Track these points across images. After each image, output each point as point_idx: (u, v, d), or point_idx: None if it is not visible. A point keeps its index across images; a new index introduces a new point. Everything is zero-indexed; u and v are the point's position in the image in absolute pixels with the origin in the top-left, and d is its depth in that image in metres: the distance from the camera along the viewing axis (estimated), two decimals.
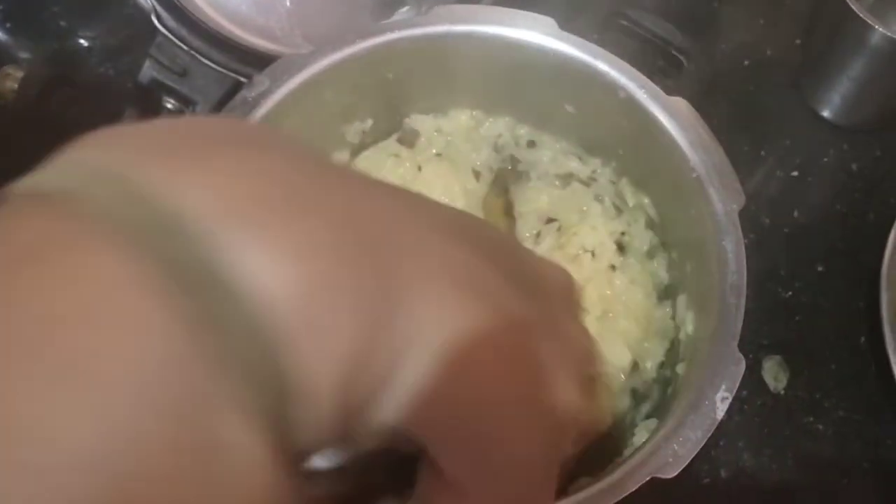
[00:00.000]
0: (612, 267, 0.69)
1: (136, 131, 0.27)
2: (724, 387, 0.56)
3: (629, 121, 0.67)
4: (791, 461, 0.75)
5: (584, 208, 0.71)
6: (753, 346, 0.77)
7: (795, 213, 0.84)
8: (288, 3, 0.81)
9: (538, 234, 0.70)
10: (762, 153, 0.86)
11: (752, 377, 0.76)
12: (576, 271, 0.67)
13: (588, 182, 0.73)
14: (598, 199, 0.72)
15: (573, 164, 0.74)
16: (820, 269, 0.82)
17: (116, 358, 0.20)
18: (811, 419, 0.76)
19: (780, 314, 0.80)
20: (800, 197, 0.85)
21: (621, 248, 0.70)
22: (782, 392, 0.77)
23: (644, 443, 0.57)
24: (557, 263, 0.37)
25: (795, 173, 0.86)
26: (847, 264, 0.82)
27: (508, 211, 0.71)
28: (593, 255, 0.68)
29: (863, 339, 0.79)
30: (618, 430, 0.65)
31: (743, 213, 0.63)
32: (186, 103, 0.78)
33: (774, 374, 0.77)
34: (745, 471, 0.74)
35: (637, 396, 0.67)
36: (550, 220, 0.70)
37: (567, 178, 0.73)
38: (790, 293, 0.81)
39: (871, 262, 0.81)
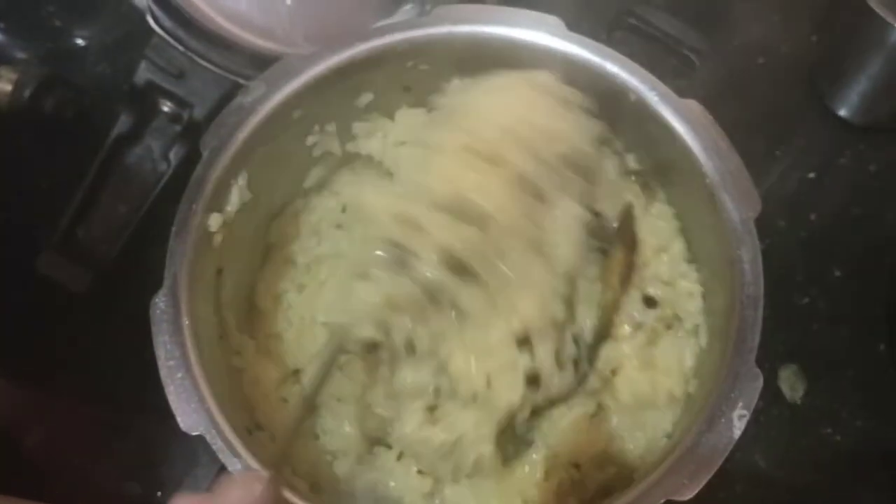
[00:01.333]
0: (696, 329, 0.66)
1: None
2: (741, 404, 0.54)
3: (640, 125, 0.65)
4: (808, 473, 0.73)
5: (657, 238, 0.68)
6: (769, 355, 0.74)
7: (812, 216, 0.81)
8: (288, 2, 0.79)
9: (638, 327, 0.65)
10: (777, 154, 0.84)
11: (768, 387, 0.73)
12: (649, 379, 0.64)
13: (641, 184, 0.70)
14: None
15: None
16: (837, 273, 0.79)
17: None
18: (829, 430, 0.74)
19: (797, 321, 0.77)
20: (816, 199, 0.82)
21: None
22: (799, 402, 0.75)
23: (658, 463, 0.55)
24: None
25: (812, 175, 0.83)
26: (865, 269, 0.79)
27: (629, 264, 0.67)
28: (681, 321, 0.66)
29: (882, 346, 0.77)
30: None
31: (757, 217, 0.60)
32: (183, 106, 0.76)
33: (791, 384, 0.75)
34: (761, 483, 0.72)
35: None
36: (651, 304, 0.66)
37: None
38: (807, 299, 0.78)
39: (891, 267, 0.78)
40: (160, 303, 0.58)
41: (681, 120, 0.62)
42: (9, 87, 0.78)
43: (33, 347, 0.77)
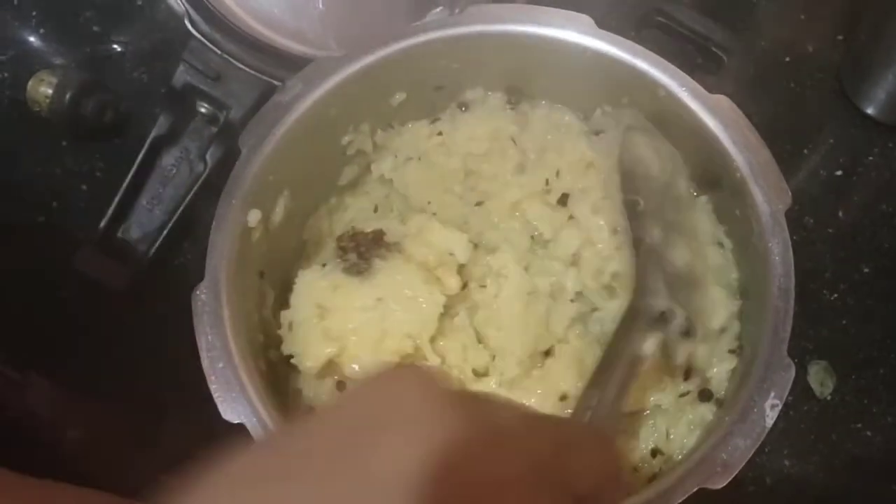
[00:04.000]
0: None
1: None
2: (773, 394, 0.55)
3: (669, 120, 0.66)
4: (838, 469, 0.73)
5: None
6: (798, 351, 0.75)
7: (840, 214, 0.82)
8: (321, 6, 0.81)
9: None
10: (805, 152, 0.84)
11: (798, 382, 0.73)
12: None
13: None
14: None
15: None
16: (866, 270, 0.79)
17: None
18: (859, 425, 0.74)
19: (826, 317, 0.77)
20: (844, 196, 0.82)
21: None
22: (829, 397, 0.75)
23: (691, 451, 0.55)
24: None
25: (839, 172, 0.83)
26: (894, 265, 0.80)
27: None
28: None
29: None
30: None
31: (786, 214, 0.61)
32: (220, 108, 0.77)
33: (820, 380, 0.75)
34: (791, 478, 0.72)
35: None
36: None
37: None
38: (835, 295, 0.78)
39: None
40: (202, 295, 0.59)
41: (710, 114, 0.62)
42: (49, 91, 0.80)
43: (72, 345, 0.78)
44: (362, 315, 0.61)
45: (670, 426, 0.62)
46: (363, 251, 0.63)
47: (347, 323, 0.61)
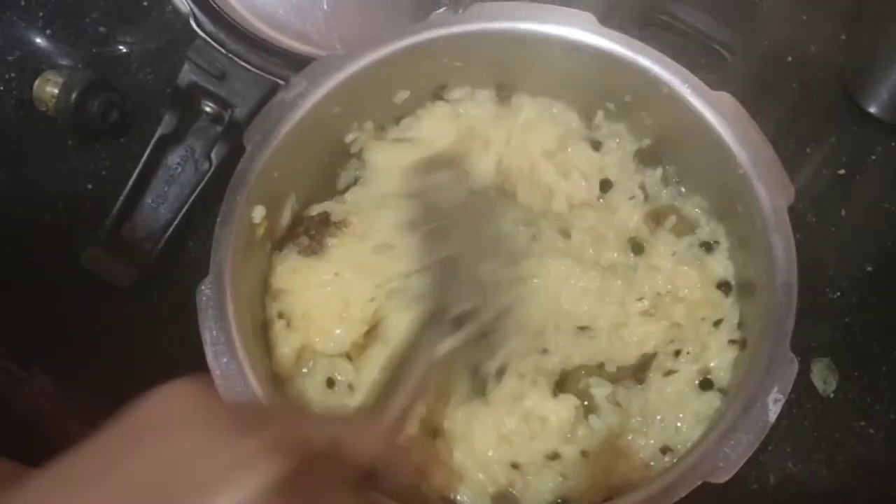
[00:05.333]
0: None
1: None
2: (776, 388, 0.55)
3: (672, 117, 0.66)
4: (842, 466, 0.73)
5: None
6: (801, 349, 0.74)
7: (843, 212, 0.82)
8: (325, 7, 0.81)
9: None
10: (807, 151, 0.84)
11: (801, 380, 0.73)
12: None
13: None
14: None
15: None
16: (869, 268, 0.79)
17: None
18: (862, 423, 0.74)
19: (829, 315, 0.77)
20: (847, 195, 0.82)
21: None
22: (832, 395, 0.75)
23: (694, 447, 0.56)
24: None
25: (842, 171, 0.83)
26: None
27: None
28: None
29: None
30: None
31: (789, 212, 0.61)
32: (225, 107, 0.78)
33: (824, 377, 0.75)
34: (795, 476, 0.72)
35: None
36: None
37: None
38: (838, 293, 0.78)
39: None
40: (206, 289, 0.59)
41: (713, 111, 0.63)
42: (55, 91, 0.80)
43: (77, 342, 0.79)
44: (323, 290, 0.65)
45: (677, 417, 0.62)
46: (313, 233, 0.67)
47: (310, 300, 0.65)
